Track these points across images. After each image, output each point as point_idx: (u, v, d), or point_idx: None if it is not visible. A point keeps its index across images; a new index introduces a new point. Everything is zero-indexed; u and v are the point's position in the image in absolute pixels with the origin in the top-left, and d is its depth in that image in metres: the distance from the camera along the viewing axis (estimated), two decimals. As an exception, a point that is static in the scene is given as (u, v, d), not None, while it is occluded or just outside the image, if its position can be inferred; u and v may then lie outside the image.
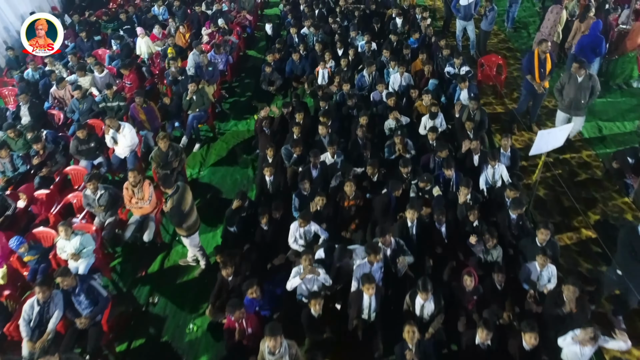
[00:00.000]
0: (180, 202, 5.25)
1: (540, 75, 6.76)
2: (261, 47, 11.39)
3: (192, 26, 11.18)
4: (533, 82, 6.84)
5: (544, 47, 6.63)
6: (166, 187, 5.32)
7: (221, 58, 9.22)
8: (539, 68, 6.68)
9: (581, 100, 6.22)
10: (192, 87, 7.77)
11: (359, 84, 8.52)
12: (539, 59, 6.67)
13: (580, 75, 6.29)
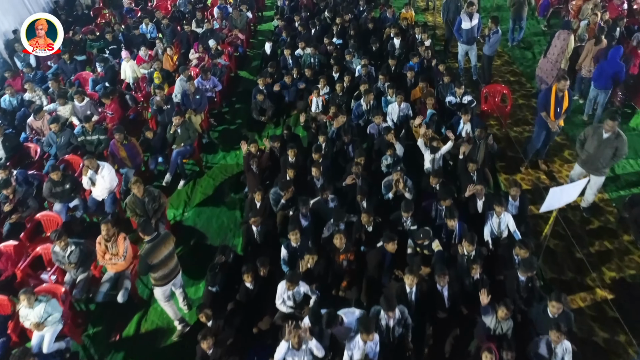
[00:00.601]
0: (150, 252, 4.81)
1: (556, 114, 6.27)
2: (254, 67, 10.90)
3: (181, 46, 10.71)
4: (548, 120, 6.35)
5: (562, 85, 6.14)
6: (145, 234, 4.88)
7: (209, 84, 8.73)
8: (555, 106, 6.19)
9: (600, 159, 5.66)
10: (177, 120, 7.28)
11: (356, 113, 8.04)
12: (555, 97, 6.18)
13: (607, 131, 5.59)
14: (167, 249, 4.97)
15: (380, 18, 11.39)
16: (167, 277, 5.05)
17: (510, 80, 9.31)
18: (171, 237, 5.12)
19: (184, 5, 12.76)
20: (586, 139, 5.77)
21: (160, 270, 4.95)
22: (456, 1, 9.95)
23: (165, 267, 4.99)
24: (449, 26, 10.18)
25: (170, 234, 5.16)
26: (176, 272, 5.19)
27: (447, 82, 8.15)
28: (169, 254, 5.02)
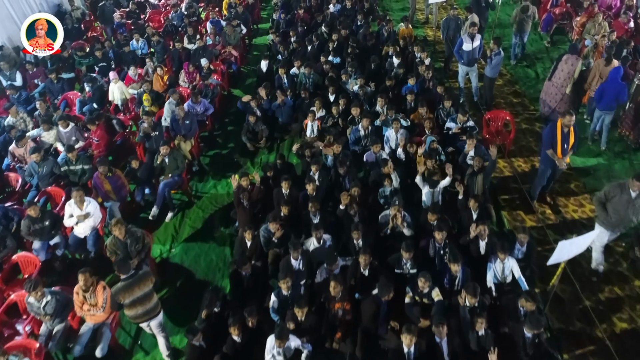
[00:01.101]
0: (122, 291, 4.65)
1: (563, 151, 5.92)
2: (248, 85, 10.56)
3: (172, 64, 10.37)
4: (555, 158, 6.01)
5: (567, 120, 5.80)
6: (121, 272, 4.70)
7: (200, 108, 8.39)
8: (562, 142, 5.85)
9: (632, 218, 5.20)
10: (165, 150, 6.94)
11: (353, 138, 7.71)
12: (562, 133, 5.84)
13: (635, 189, 5.09)
14: (141, 290, 4.74)
15: (379, 34, 11.06)
16: (142, 317, 4.85)
17: (512, 102, 8.98)
18: (149, 277, 4.86)
19: (177, 18, 12.41)
20: (609, 200, 5.27)
21: (133, 310, 4.76)
22: (456, 19, 9.62)
23: (140, 307, 4.78)
24: (448, 44, 9.86)
25: (149, 274, 4.90)
26: (155, 312, 4.94)
27: (447, 106, 7.83)
28: (145, 294, 4.78)
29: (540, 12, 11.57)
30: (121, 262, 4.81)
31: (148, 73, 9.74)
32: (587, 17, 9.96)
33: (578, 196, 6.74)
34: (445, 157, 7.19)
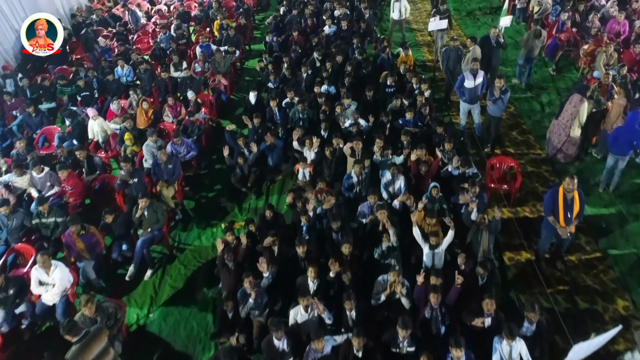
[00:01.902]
0: (78, 354, 4.34)
1: (566, 220, 5.41)
2: (238, 116, 10.01)
3: (158, 93, 9.85)
4: (557, 226, 5.49)
5: (568, 184, 5.27)
6: (71, 336, 4.44)
7: (183, 149, 7.87)
8: (564, 211, 5.34)
9: None
10: (143, 203, 6.43)
11: (345, 185, 7.20)
12: (564, 200, 5.33)
13: None
14: (98, 346, 4.47)
15: (376, 60, 10.54)
16: None
17: (517, 140, 8.45)
18: (103, 331, 4.60)
19: (165, 41, 11.88)
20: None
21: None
22: (457, 50, 9.11)
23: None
24: (448, 75, 9.36)
25: (101, 329, 4.63)
26: None
27: (448, 149, 7.33)
28: (102, 350, 4.49)
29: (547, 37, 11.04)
30: (69, 324, 4.48)
31: (132, 105, 9.23)
32: (596, 46, 9.45)
33: (589, 255, 6.23)
34: (447, 207, 6.72)
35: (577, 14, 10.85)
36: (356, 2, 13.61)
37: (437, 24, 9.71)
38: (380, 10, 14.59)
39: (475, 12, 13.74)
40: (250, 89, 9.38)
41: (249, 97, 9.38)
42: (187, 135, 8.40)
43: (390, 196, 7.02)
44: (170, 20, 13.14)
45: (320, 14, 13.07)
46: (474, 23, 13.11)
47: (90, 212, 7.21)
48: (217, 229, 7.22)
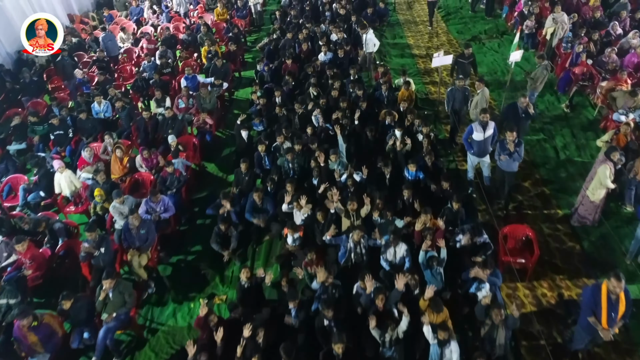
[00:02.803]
0: None
1: (610, 321, 4.59)
2: (224, 158, 9.23)
3: (137, 134, 9.04)
4: (598, 328, 4.66)
5: (614, 285, 4.46)
6: None
7: (160, 207, 7.05)
8: (608, 311, 4.53)
9: None
10: (108, 284, 5.62)
11: (341, 252, 6.40)
12: (608, 300, 4.52)
13: None
14: None
15: (375, 94, 9.71)
16: None
17: (530, 194, 7.62)
18: None
19: (149, 69, 11.05)
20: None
21: None
22: (463, 90, 8.28)
23: None
24: (454, 116, 8.54)
25: None
26: None
27: (456, 208, 6.53)
28: None
29: (557, 69, 10.25)
30: None
31: (107, 150, 8.41)
32: (615, 84, 8.64)
33: (620, 346, 5.42)
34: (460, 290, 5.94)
35: (591, 43, 10.03)
36: (354, 25, 12.78)
37: (442, 59, 8.89)
38: (379, 32, 13.75)
39: (480, 37, 12.90)
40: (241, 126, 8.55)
41: (241, 133, 8.56)
42: (166, 187, 7.58)
43: (391, 267, 6.22)
44: (157, 46, 12.31)
45: (315, 37, 12.28)
46: (479, 49, 12.27)
47: (52, 287, 6.41)
48: (195, 303, 6.40)
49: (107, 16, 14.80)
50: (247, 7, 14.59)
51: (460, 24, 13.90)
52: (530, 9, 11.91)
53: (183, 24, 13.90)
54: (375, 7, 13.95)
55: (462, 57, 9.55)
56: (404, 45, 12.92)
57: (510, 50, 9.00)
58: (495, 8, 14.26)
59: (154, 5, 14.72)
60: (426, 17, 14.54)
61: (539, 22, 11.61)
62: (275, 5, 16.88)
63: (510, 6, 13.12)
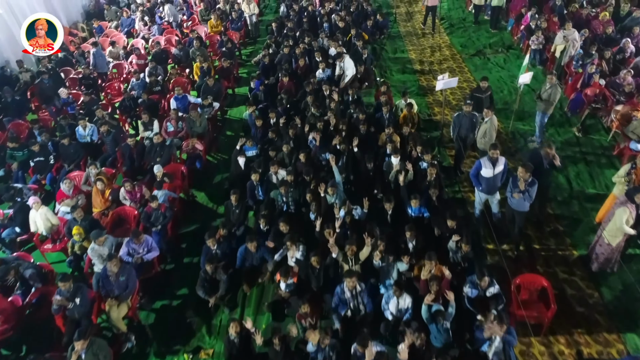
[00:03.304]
0: None
1: None
2: (217, 185, 8.68)
3: (123, 160, 8.50)
4: None
5: None
6: None
7: (143, 248, 6.50)
8: None
9: None
10: (80, 346, 5.06)
11: (337, 301, 5.86)
12: None
13: None
14: None
15: (376, 116, 9.17)
16: None
17: (544, 233, 7.07)
18: None
19: (138, 87, 10.52)
20: None
21: None
22: (471, 117, 7.75)
23: None
24: (459, 143, 8.01)
25: None
26: None
27: (465, 250, 6.01)
28: None
29: (568, 89, 9.71)
30: None
31: (89, 180, 7.88)
32: (631, 109, 8.11)
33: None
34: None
35: (604, 62, 9.50)
36: (353, 38, 12.25)
37: (446, 82, 8.35)
38: (379, 45, 13.23)
39: (485, 51, 12.36)
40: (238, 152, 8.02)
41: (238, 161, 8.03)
42: (151, 224, 7.04)
43: (394, 318, 5.69)
44: (147, 61, 11.76)
45: (313, 52, 11.74)
46: (484, 64, 11.75)
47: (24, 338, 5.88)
48: (179, 359, 5.86)
49: (97, 28, 14.26)
50: (242, 18, 14.05)
51: (464, 36, 13.36)
52: (538, 23, 11.37)
53: (176, 37, 13.35)
54: (375, 19, 13.43)
55: (478, 90, 8.59)
56: (406, 60, 12.38)
57: (520, 72, 8.48)
58: (500, 20, 13.73)
59: (145, 17, 14.15)
60: (428, 30, 14.02)
61: (546, 37, 11.08)
62: (272, 15, 16.36)
63: (516, 19, 12.57)
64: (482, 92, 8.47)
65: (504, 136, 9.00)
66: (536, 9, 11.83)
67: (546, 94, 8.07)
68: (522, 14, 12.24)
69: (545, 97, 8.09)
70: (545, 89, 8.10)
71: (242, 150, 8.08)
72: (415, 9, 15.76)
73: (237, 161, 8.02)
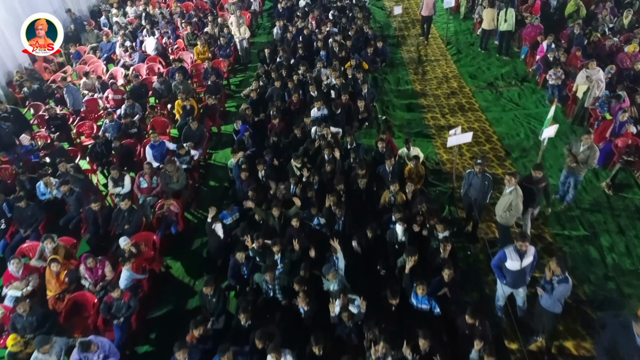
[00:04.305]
0: None
1: None
2: (194, 252, 7.57)
3: (87, 226, 7.40)
4: None
5: None
6: None
7: (99, 355, 5.38)
8: None
9: None
10: None
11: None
12: None
13: None
14: None
15: (378, 170, 8.06)
16: None
17: (576, 327, 5.96)
18: None
19: (111, 130, 9.41)
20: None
21: None
22: (483, 178, 6.65)
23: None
24: (468, 203, 6.95)
25: None
26: None
27: (478, 348, 4.95)
28: None
29: (596, 137, 8.60)
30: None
31: (44, 254, 6.77)
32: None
33: None
34: None
35: (634, 107, 8.41)
36: (352, 69, 11.16)
37: (459, 138, 7.26)
38: (380, 75, 12.12)
39: (496, 84, 11.25)
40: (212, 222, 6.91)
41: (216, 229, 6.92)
42: (112, 316, 5.94)
43: None
44: (125, 96, 10.65)
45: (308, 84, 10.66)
46: (496, 99, 10.65)
47: None
48: None
49: (74, 53, 13.12)
50: (232, 43, 12.93)
51: (473, 65, 12.24)
52: (556, 55, 10.27)
53: (159, 65, 12.23)
54: (376, 45, 12.32)
55: (529, 180, 6.60)
56: (410, 93, 11.27)
57: (544, 125, 7.37)
58: (512, 46, 12.64)
59: (127, 41, 13.02)
60: (434, 56, 12.92)
61: (566, 72, 9.97)
62: (266, 36, 15.26)
63: (531, 47, 11.45)
64: (534, 183, 6.54)
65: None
66: (553, 37, 10.72)
67: (583, 156, 6.96)
68: (538, 42, 11.12)
69: (582, 159, 6.98)
70: (581, 150, 6.98)
71: (215, 220, 6.94)
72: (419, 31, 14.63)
73: (213, 231, 6.92)
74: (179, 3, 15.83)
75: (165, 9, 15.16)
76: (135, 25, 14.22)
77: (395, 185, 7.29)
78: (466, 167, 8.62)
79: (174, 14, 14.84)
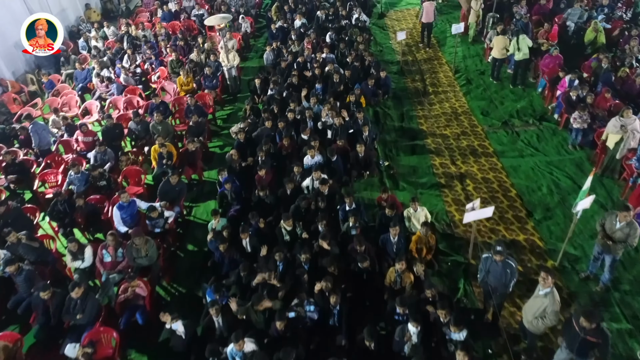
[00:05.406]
0: None
1: None
2: (163, 346, 6.37)
3: (36, 315, 6.24)
4: None
5: None
6: None
7: None
8: None
9: None
10: None
11: None
12: None
13: None
14: None
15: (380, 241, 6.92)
16: None
17: None
18: None
19: (79, 182, 8.26)
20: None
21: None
22: (504, 265, 5.53)
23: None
24: (486, 290, 5.81)
25: None
26: None
27: None
28: None
29: (633, 200, 7.42)
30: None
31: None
32: None
33: None
34: None
35: (677, 164, 7.27)
36: (352, 106, 10.03)
37: (476, 214, 6.10)
38: (382, 109, 10.96)
39: (512, 123, 10.08)
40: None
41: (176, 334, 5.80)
42: None
43: None
44: (96, 138, 9.51)
45: (302, 123, 9.56)
46: (512, 142, 9.49)
47: None
48: None
49: (46, 83, 11.98)
50: (219, 72, 11.77)
51: (485, 98, 11.07)
52: (580, 93, 9.11)
53: (138, 99, 11.07)
54: (378, 75, 11.16)
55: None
56: (415, 133, 10.10)
57: (579, 196, 6.22)
58: (528, 76, 11.49)
59: (104, 69, 11.84)
60: (442, 87, 11.77)
61: (593, 115, 8.83)
62: (258, 60, 14.10)
63: (551, 82, 10.29)
64: (581, 330, 4.75)
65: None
66: (578, 73, 9.57)
67: (621, 234, 5.82)
68: (559, 76, 9.96)
69: (620, 238, 5.84)
70: (617, 227, 5.85)
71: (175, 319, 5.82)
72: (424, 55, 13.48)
73: (174, 333, 5.79)
74: (165, 23, 14.68)
75: (149, 31, 13.98)
76: (115, 49, 13.04)
77: (402, 264, 6.18)
78: (482, 231, 7.48)
79: (159, 36, 13.68)
